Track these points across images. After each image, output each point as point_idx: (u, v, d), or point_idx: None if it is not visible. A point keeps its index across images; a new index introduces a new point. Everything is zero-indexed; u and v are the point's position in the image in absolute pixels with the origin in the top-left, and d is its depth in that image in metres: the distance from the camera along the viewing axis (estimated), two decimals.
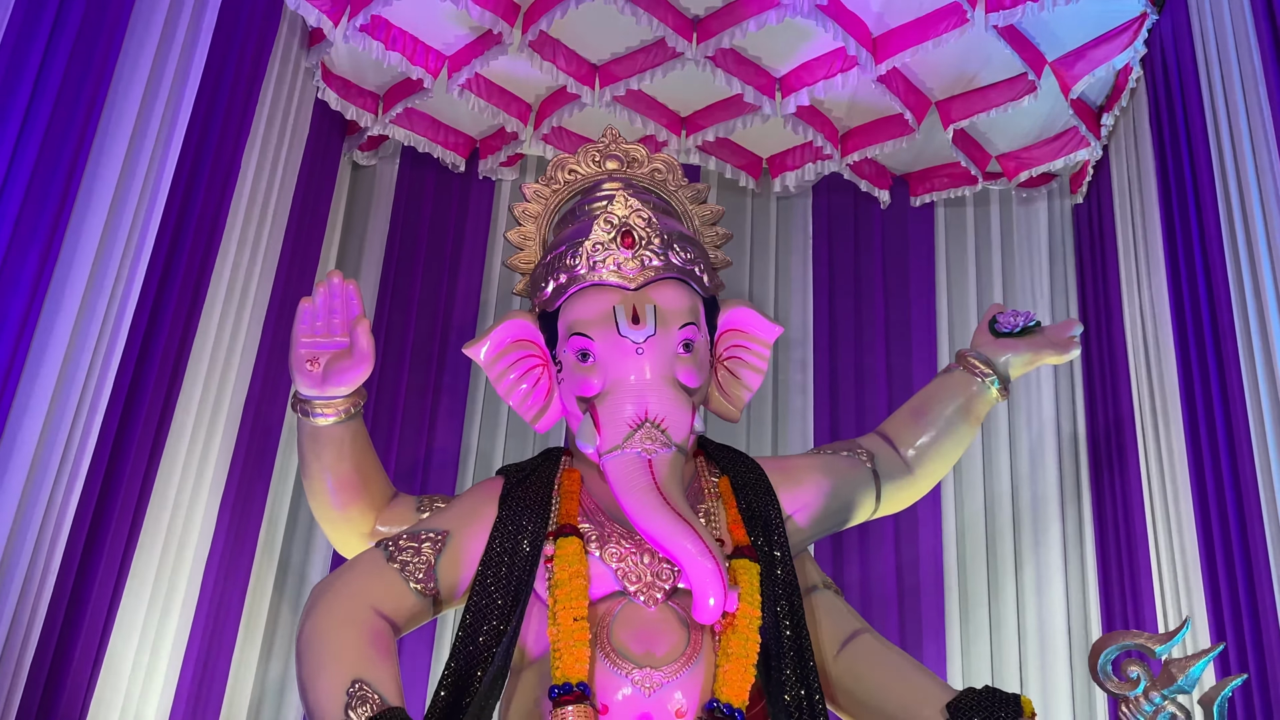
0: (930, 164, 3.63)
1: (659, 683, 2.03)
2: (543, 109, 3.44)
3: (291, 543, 3.24)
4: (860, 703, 2.21)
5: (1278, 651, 2.25)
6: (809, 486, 2.38)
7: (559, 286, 2.36)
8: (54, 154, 2.17)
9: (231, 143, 2.84)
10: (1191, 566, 2.66)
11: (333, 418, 2.41)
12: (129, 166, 2.38)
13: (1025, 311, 2.62)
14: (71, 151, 2.21)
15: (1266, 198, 2.39)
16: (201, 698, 2.85)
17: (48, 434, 2.14)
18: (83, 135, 2.26)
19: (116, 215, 2.33)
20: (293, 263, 3.24)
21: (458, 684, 2.07)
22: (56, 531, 2.19)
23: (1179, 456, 2.76)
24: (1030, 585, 3.28)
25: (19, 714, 2.12)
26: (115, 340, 2.35)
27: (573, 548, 2.14)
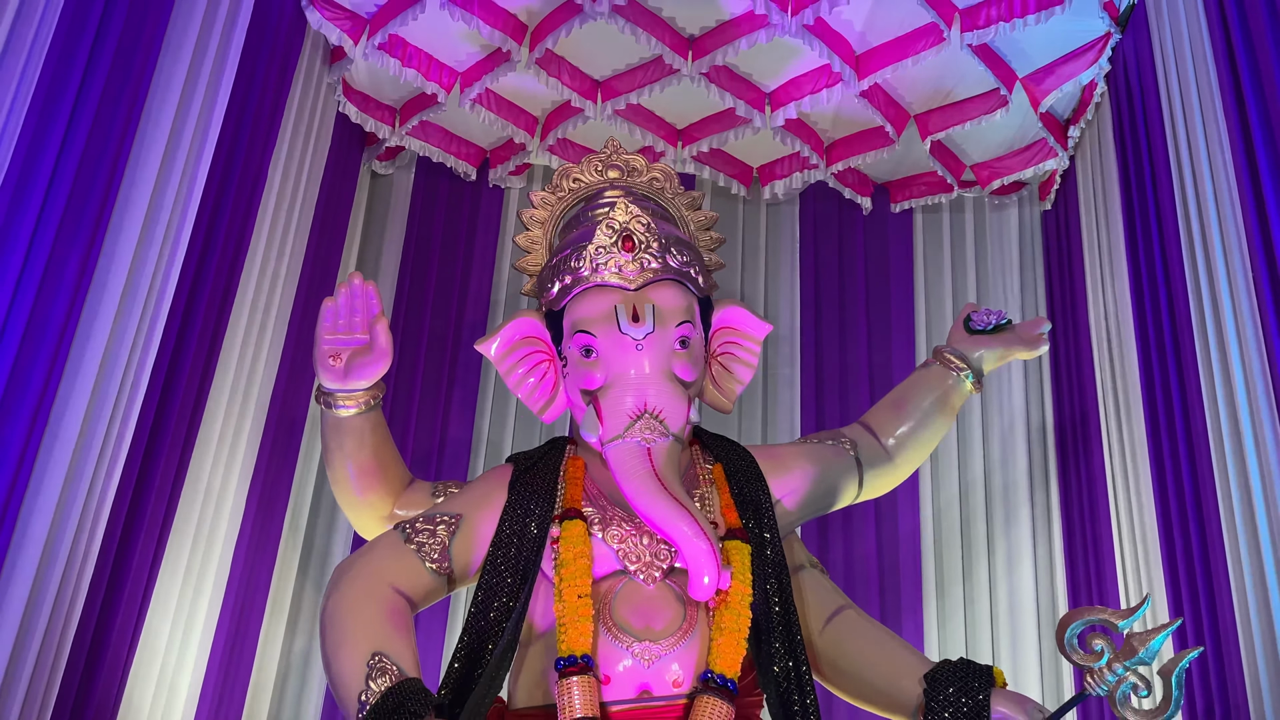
0: (909, 173, 3.62)
1: (657, 655, 2.02)
2: (548, 122, 3.43)
3: (315, 526, 3.23)
4: (844, 673, 2.20)
5: (1231, 626, 2.25)
6: (797, 473, 2.36)
7: (564, 287, 2.34)
8: (94, 164, 2.16)
9: (259, 153, 2.83)
10: (1151, 547, 2.66)
11: (354, 409, 2.39)
12: (164, 175, 2.37)
13: (998, 310, 2.59)
14: (110, 162, 2.21)
15: (1221, 204, 2.38)
16: (231, 669, 2.85)
17: (88, 426, 2.14)
18: (120, 146, 2.25)
19: (152, 222, 2.32)
20: (315, 265, 3.22)
21: (470, 656, 2.06)
22: (97, 515, 2.19)
23: (1140, 445, 2.75)
24: (1001, 564, 3.27)
25: (63, 685, 2.12)
26: (151, 338, 2.34)
27: (577, 530, 2.13)
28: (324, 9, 3.00)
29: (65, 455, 2.08)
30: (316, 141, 3.19)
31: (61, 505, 2.07)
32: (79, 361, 2.13)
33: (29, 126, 1.98)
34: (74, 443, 2.10)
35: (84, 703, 2.20)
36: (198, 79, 2.50)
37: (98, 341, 2.17)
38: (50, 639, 2.06)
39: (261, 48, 2.77)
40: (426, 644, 3.03)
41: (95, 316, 2.17)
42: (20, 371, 1.97)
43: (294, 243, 3.08)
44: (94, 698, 2.23)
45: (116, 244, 2.23)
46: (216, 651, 2.75)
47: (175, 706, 2.58)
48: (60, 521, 2.07)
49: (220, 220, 2.63)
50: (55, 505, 2.05)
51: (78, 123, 2.11)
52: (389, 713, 1.82)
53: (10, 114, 1.93)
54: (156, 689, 2.49)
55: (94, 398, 2.15)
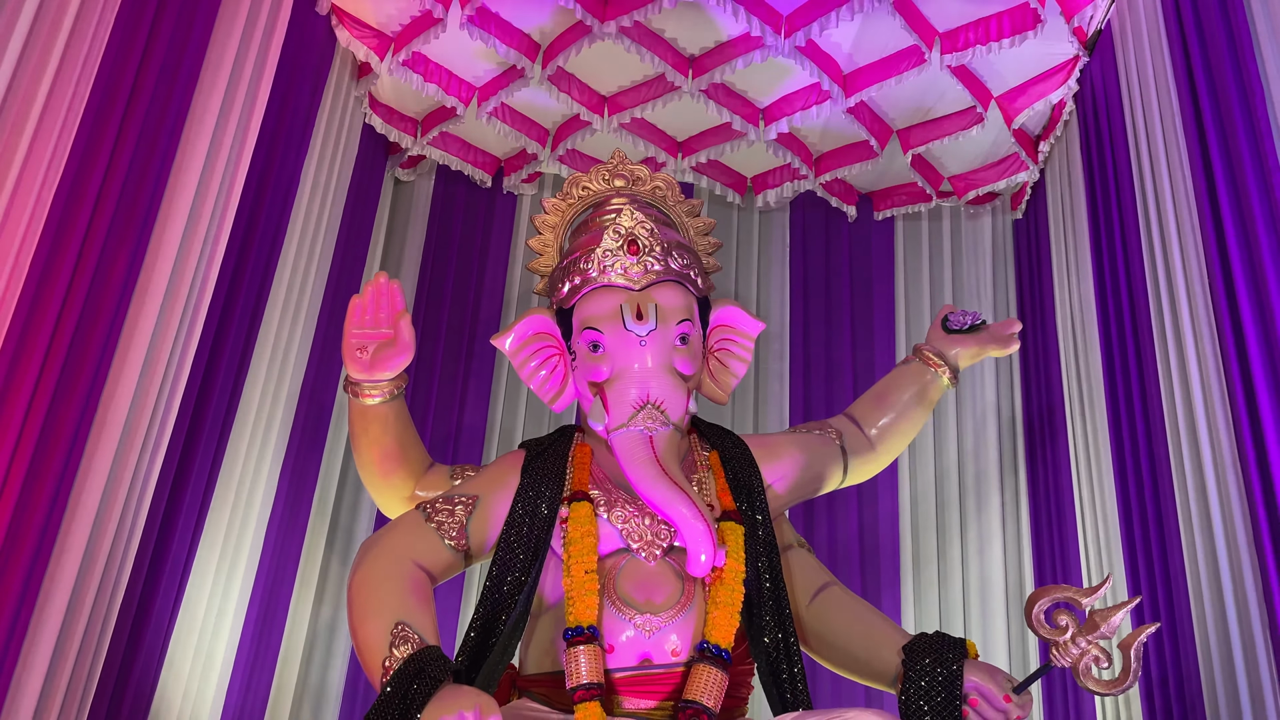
0: (891, 184, 3.60)
1: (657, 626, 2.00)
2: (559, 133, 3.42)
3: (341, 505, 3.22)
4: (829, 645, 2.19)
5: (1185, 603, 2.25)
6: (786, 460, 2.35)
7: (574, 287, 2.33)
8: (140, 171, 2.16)
9: (292, 160, 2.82)
10: (1112, 531, 2.65)
11: (379, 398, 2.38)
12: (204, 182, 2.36)
13: (973, 311, 2.58)
14: (156, 170, 2.20)
15: (1179, 214, 2.37)
16: (264, 636, 2.84)
17: (134, 413, 2.14)
18: (165, 156, 2.25)
19: (193, 224, 2.32)
20: (343, 264, 3.21)
21: (485, 626, 2.05)
22: (142, 494, 2.19)
23: (1102, 436, 2.74)
24: (973, 546, 3.26)
25: (110, 649, 2.12)
26: (192, 331, 2.34)
27: (584, 511, 2.11)
28: (352, 28, 2.99)
29: (114, 439, 2.08)
30: (344, 150, 3.18)
31: (110, 484, 2.07)
32: (125, 353, 2.13)
33: (83, 132, 1.97)
34: (121, 427, 2.09)
35: (129, 666, 2.21)
36: (236, 92, 2.49)
37: (143, 334, 2.17)
38: (99, 607, 2.06)
39: (295, 63, 2.76)
40: (443, 616, 3.02)
41: (141, 311, 2.17)
42: (72, 363, 1.97)
43: (323, 243, 3.07)
44: (138, 662, 2.24)
45: (160, 245, 2.23)
46: (250, 620, 2.74)
47: (212, 670, 2.57)
48: (108, 499, 2.07)
49: (256, 223, 2.63)
50: (104, 484, 2.05)
51: (126, 130, 2.10)
52: (410, 677, 1.80)
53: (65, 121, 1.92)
54: (195, 654, 2.49)
55: (140, 386, 2.15)
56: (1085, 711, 2.78)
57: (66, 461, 1.96)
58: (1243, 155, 2.10)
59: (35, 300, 1.86)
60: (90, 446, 2.03)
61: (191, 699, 2.48)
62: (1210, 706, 2.12)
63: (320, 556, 3.11)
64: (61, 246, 1.93)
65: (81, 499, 2.00)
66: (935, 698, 1.91)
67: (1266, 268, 2.00)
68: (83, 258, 1.98)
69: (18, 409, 1.82)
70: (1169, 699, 2.30)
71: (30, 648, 1.89)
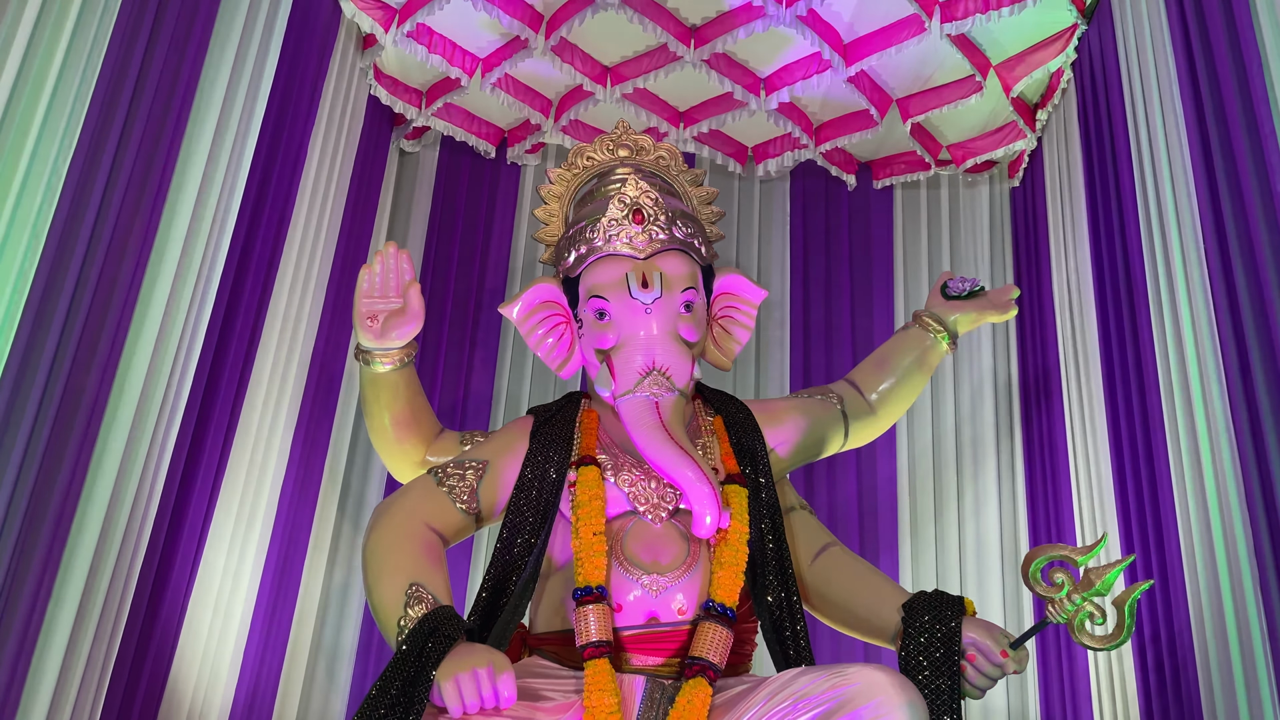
0: (891, 152, 3.59)
1: (664, 586, 2.03)
2: (562, 104, 3.41)
3: (351, 470, 3.23)
4: (831, 603, 2.22)
5: (1176, 561, 2.28)
6: (789, 424, 2.37)
7: (580, 256, 2.33)
8: (152, 143, 2.16)
9: (299, 132, 2.82)
10: (1106, 492, 2.67)
11: (390, 366, 2.40)
12: (215, 154, 2.36)
13: (972, 278, 2.59)
14: (168, 141, 2.20)
15: (1176, 181, 2.37)
16: (279, 598, 2.87)
17: (150, 380, 2.14)
18: (176, 128, 2.24)
19: (205, 195, 2.32)
20: (350, 234, 3.21)
21: (496, 587, 2.08)
22: (159, 459, 2.20)
23: (1097, 400, 2.76)
24: (970, 507, 3.28)
25: (131, 610, 2.15)
26: (205, 299, 2.35)
27: (592, 475, 2.14)
28: (358, 0, 2.98)
29: (130, 407, 2.09)
30: (350, 121, 3.17)
31: (127, 452, 2.08)
32: (141, 324, 2.13)
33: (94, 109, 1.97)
34: (138, 397, 2.11)
35: (150, 627, 2.24)
36: (244, 64, 2.48)
37: (158, 303, 2.17)
38: (120, 569, 2.08)
39: (302, 35, 2.75)
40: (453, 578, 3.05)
41: (156, 281, 2.17)
42: (88, 333, 1.97)
43: (331, 214, 3.07)
44: (159, 622, 2.27)
45: (173, 218, 2.23)
46: (265, 582, 2.77)
47: (230, 631, 2.61)
48: (127, 464, 2.09)
49: (266, 194, 2.63)
50: (122, 451, 2.06)
51: (138, 105, 2.10)
52: (425, 636, 1.83)
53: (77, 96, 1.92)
54: (213, 615, 2.52)
55: (155, 356, 2.16)
56: (1079, 667, 2.81)
57: (86, 430, 1.98)
58: (1237, 123, 2.10)
59: (51, 273, 1.87)
60: (109, 415, 2.04)
61: (210, 659, 2.51)
62: (1201, 661, 2.15)
63: (332, 520, 3.14)
64: (76, 221, 1.93)
65: (101, 466, 2.02)
66: (934, 653, 1.94)
67: (1255, 236, 2.00)
68: (97, 232, 1.99)
69: (39, 378, 1.83)
70: (1160, 654, 2.34)
71: (54, 612, 1.91)
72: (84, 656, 1.98)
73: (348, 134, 3.15)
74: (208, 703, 2.51)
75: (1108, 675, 2.60)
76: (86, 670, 1.99)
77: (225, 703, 2.60)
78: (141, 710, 2.23)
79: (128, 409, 2.08)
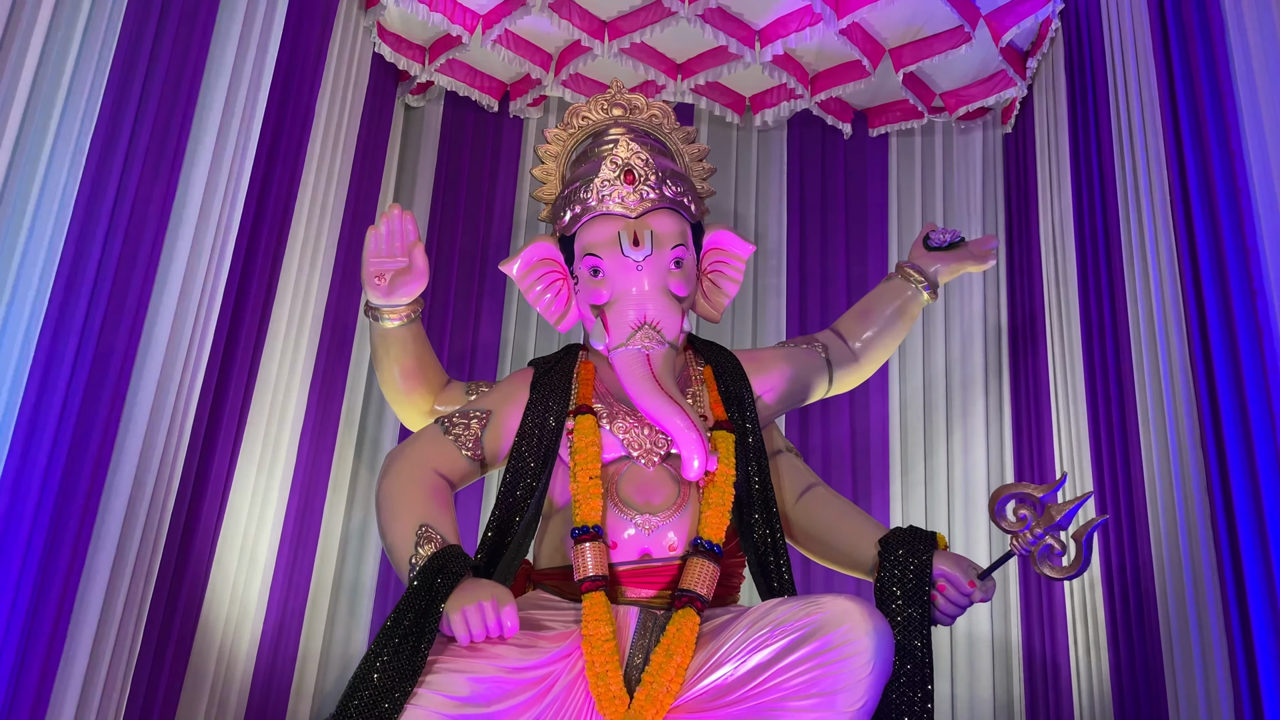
0: (885, 101, 3.65)
1: (656, 525, 2.17)
2: (562, 59, 3.47)
3: (366, 417, 3.37)
4: (814, 539, 2.35)
5: (1142, 497, 2.40)
6: (775, 373, 2.48)
7: (575, 215, 2.43)
8: (167, 111, 2.27)
9: (307, 92, 2.89)
10: (1082, 432, 2.78)
11: (398, 321, 2.52)
12: (227, 116, 2.45)
13: (953, 230, 2.67)
14: (183, 105, 2.31)
15: (1150, 128, 2.44)
16: (301, 539, 3.03)
17: (175, 334, 2.27)
18: (190, 92, 2.34)
19: (219, 157, 2.42)
20: (359, 191, 3.30)
21: (500, 527, 2.22)
22: (186, 409, 2.34)
23: (1076, 344, 2.85)
24: (958, 447, 3.39)
25: (164, 553, 2.30)
26: (223, 255, 2.45)
27: (589, 423, 2.26)
28: None
29: (158, 359, 2.22)
30: (356, 79, 3.25)
31: (157, 401, 2.22)
32: (165, 280, 2.25)
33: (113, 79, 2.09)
34: (165, 348, 2.23)
35: (182, 568, 2.39)
36: (252, 27, 2.55)
37: (180, 260, 2.29)
38: (153, 515, 2.23)
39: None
40: (464, 518, 3.19)
41: (177, 237, 2.29)
42: (117, 292, 2.11)
43: (340, 170, 3.15)
44: (190, 564, 2.42)
45: (190, 183, 2.34)
46: (288, 524, 2.92)
47: (256, 571, 2.77)
48: (157, 414, 2.22)
49: (277, 153, 2.71)
50: (152, 402, 2.20)
51: (153, 73, 2.22)
52: (434, 573, 1.98)
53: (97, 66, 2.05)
54: (240, 556, 2.68)
55: (179, 310, 2.28)
56: (1056, 597, 2.96)
57: (118, 382, 2.12)
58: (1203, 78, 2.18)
59: (81, 239, 2.01)
60: (138, 367, 2.18)
61: (239, 597, 2.69)
62: (1160, 589, 2.29)
63: (350, 465, 3.28)
64: (101, 189, 2.06)
65: (133, 415, 2.16)
66: (907, 584, 2.09)
67: (1217, 184, 2.09)
68: (120, 199, 2.11)
69: (72, 338, 1.98)
70: (1126, 583, 2.48)
71: (94, 554, 2.07)
72: (123, 595, 2.14)
73: (354, 91, 3.23)
74: (238, 637, 2.69)
75: (1081, 604, 2.76)
76: (125, 608, 2.16)
77: (254, 637, 2.78)
78: (177, 645, 2.40)
79: (155, 361, 2.22)
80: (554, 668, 1.98)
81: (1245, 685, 1.93)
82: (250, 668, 2.77)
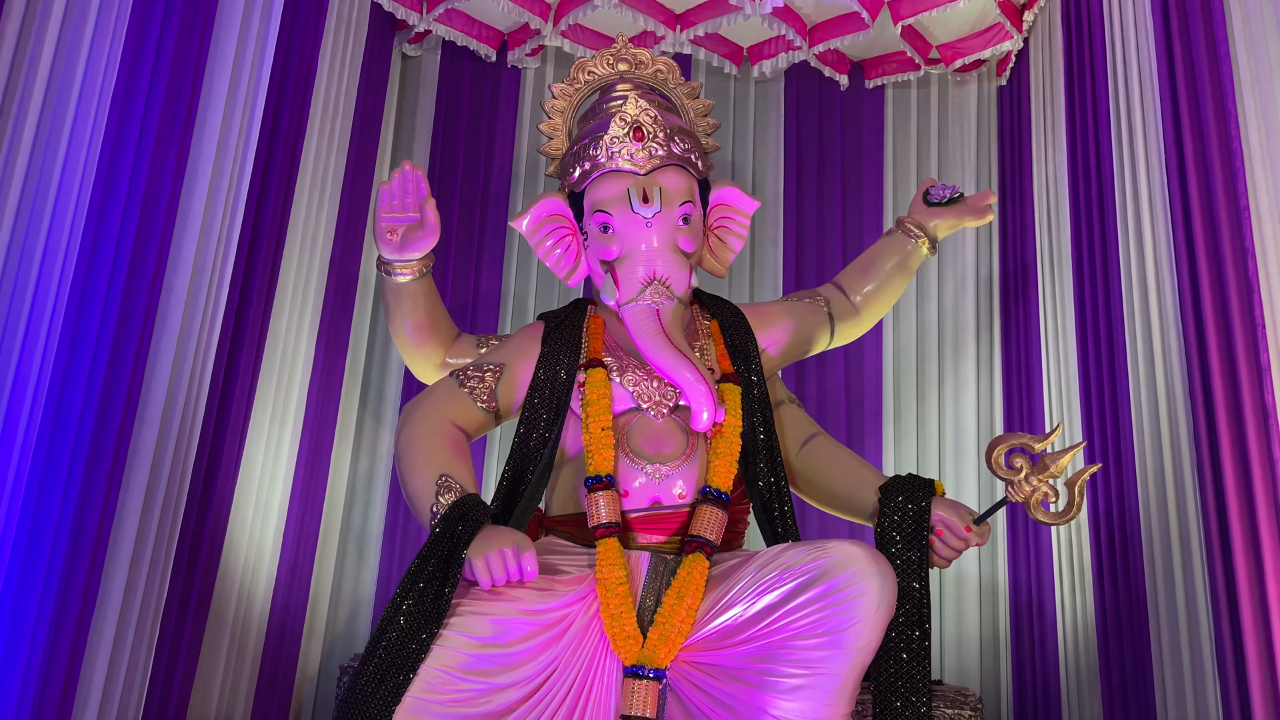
0: (882, 53, 3.68)
1: (665, 474, 2.24)
2: (561, 8, 3.47)
3: (371, 366, 3.43)
4: (816, 486, 2.43)
5: (1130, 446, 2.50)
6: (779, 327, 2.55)
7: (584, 172, 2.47)
8: (179, 72, 2.30)
9: (310, 44, 2.89)
10: (1072, 382, 2.87)
11: (409, 276, 2.56)
12: (236, 75, 2.47)
13: (951, 185, 2.72)
14: (193, 71, 2.34)
15: (1146, 81, 2.49)
16: (311, 486, 3.11)
17: (192, 294, 2.32)
18: (200, 50, 2.37)
19: (230, 117, 2.44)
20: (360, 142, 3.31)
21: (514, 477, 2.30)
22: (204, 364, 2.39)
23: (1068, 296, 2.93)
24: (950, 396, 3.49)
25: (188, 501, 2.38)
26: (235, 209, 2.48)
27: (599, 376, 2.32)
28: None
29: (177, 314, 2.27)
30: (355, 30, 3.24)
31: (177, 356, 2.28)
32: (182, 230, 2.30)
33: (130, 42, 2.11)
34: (183, 303, 2.29)
35: (204, 516, 2.47)
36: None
37: (195, 215, 2.33)
38: (175, 465, 2.30)
39: None
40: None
41: (193, 193, 2.33)
42: (140, 250, 2.16)
43: (341, 122, 3.16)
44: (211, 511, 2.50)
45: (203, 133, 2.37)
46: (299, 471, 3.00)
47: (270, 516, 2.85)
48: (178, 369, 2.28)
49: (283, 106, 2.72)
50: (172, 357, 2.26)
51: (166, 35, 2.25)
52: (455, 520, 2.06)
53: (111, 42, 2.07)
54: (255, 501, 2.76)
55: (196, 262, 2.32)
56: (1043, 540, 3.08)
57: (140, 341, 2.18)
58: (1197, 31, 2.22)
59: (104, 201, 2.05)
60: (158, 324, 2.24)
61: (255, 543, 2.77)
62: (1146, 532, 2.40)
63: (355, 414, 3.35)
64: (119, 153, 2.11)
65: (155, 372, 2.23)
66: (906, 529, 2.18)
67: (1210, 140, 2.15)
68: (139, 152, 2.16)
69: (98, 297, 2.03)
70: (1112, 527, 2.59)
71: (124, 501, 2.15)
72: (150, 547, 2.23)
73: (353, 42, 3.23)
74: (254, 580, 2.78)
75: (1067, 546, 2.87)
76: (153, 554, 2.24)
77: (270, 580, 2.87)
78: (201, 587, 2.49)
79: (174, 317, 2.27)
80: (570, 609, 2.06)
81: (1226, 624, 2.04)
82: (266, 610, 2.86)
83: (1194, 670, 2.17)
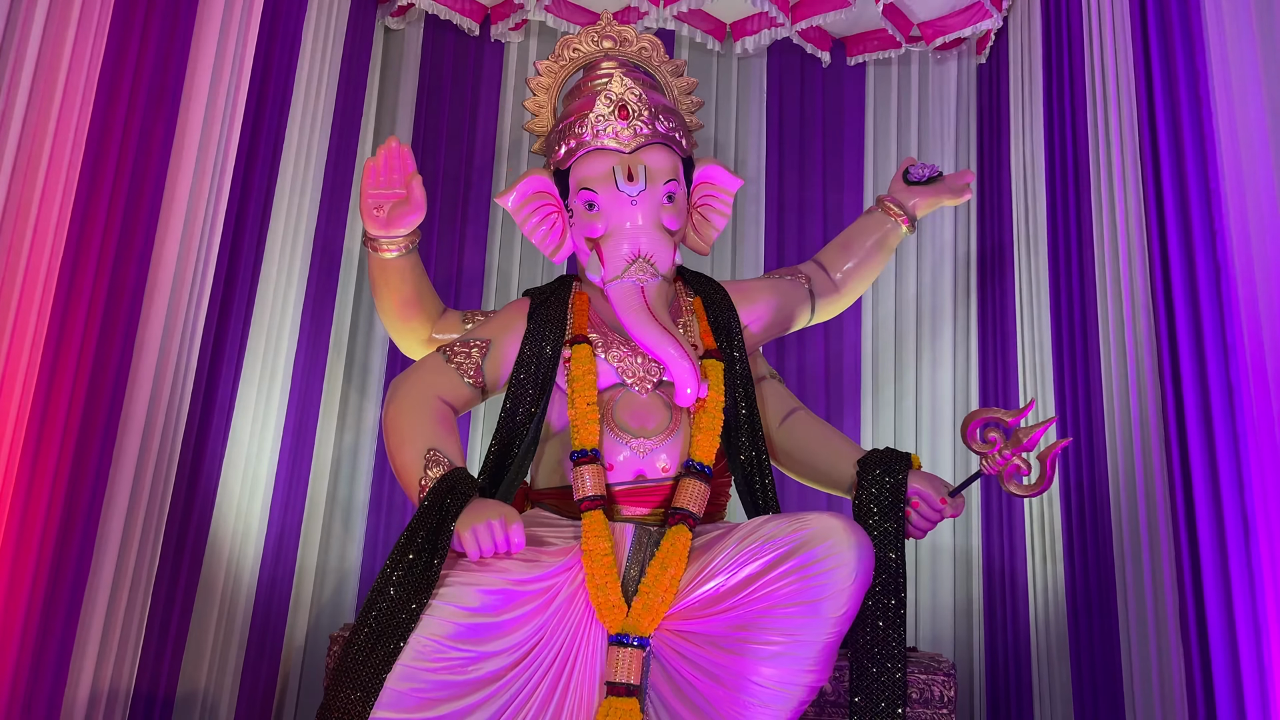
0: (863, 30, 3.70)
1: (650, 448, 2.29)
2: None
3: (355, 341, 3.44)
4: (797, 460, 2.49)
5: (1100, 421, 2.56)
6: (761, 304, 2.58)
7: (569, 150, 2.49)
8: (165, 47, 2.30)
9: (295, 18, 2.90)
10: (1046, 357, 2.93)
11: (396, 252, 2.58)
12: (221, 47, 2.47)
13: (931, 165, 2.76)
14: (180, 49, 2.35)
15: (1122, 63, 2.52)
16: (297, 460, 3.14)
17: (180, 270, 2.34)
18: (185, 24, 2.37)
19: (214, 92, 2.45)
20: (344, 117, 3.31)
21: (501, 450, 2.34)
22: (192, 338, 2.42)
23: (1043, 274, 2.98)
24: (926, 371, 3.54)
25: (177, 475, 2.41)
26: (220, 192, 2.50)
27: (585, 352, 2.36)
28: None
29: (165, 289, 2.29)
30: (338, 3, 3.23)
31: (165, 331, 2.30)
32: (170, 203, 2.31)
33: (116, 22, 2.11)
34: (170, 284, 2.30)
35: (192, 488, 2.50)
36: None
37: (181, 190, 2.33)
38: (165, 441, 2.33)
39: None
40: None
41: (179, 168, 2.34)
42: (127, 227, 2.17)
43: (325, 96, 3.16)
44: (199, 484, 2.53)
45: (189, 109, 2.38)
46: (285, 446, 3.02)
47: (257, 490, 2.88)
48: (165, 345, 2.31)
49: (268, 79, 2.73)
50: (160, 333, 2.28)
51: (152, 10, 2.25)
52: (444, 494, 2.10)
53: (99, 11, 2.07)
54: (243, 474, 2.79)
55: (184, 235, 2.34)
56: (1016, 511, 3.16)
57: (130, 316, 2.20)
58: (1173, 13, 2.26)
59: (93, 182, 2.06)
60: (146, 299, 2.26)
61: (243, 515, 2.80)
62: (1115, 504, 2.47)
63: (340, 387, 3.37)
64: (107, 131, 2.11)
65: (143, 346, 2.25)
66: (883, 501, 2.24)
67: (1184, 123, 2.20)
68: (126, 131, 2.17)
69: (88, 276, 2.04)
70: (1083, 498, 2.66)
71: (115, 475, 2.18)
72: (140, 515, 2.26)
73: (336, 15, 3.22)
74: (242, 551, 2.82)
75: (1039, 518, 2.94)
76: (144, 527, 2.27)
77: (257, 552, 2.90)
78: (190, 559, 2.53)
79: (162, 292, 2.29)
80: (556, 580, 2.11)
81: (1190, 593, 2.12)
82: (254, 580, 2.90)
83: (1159, 637, 2.25)
